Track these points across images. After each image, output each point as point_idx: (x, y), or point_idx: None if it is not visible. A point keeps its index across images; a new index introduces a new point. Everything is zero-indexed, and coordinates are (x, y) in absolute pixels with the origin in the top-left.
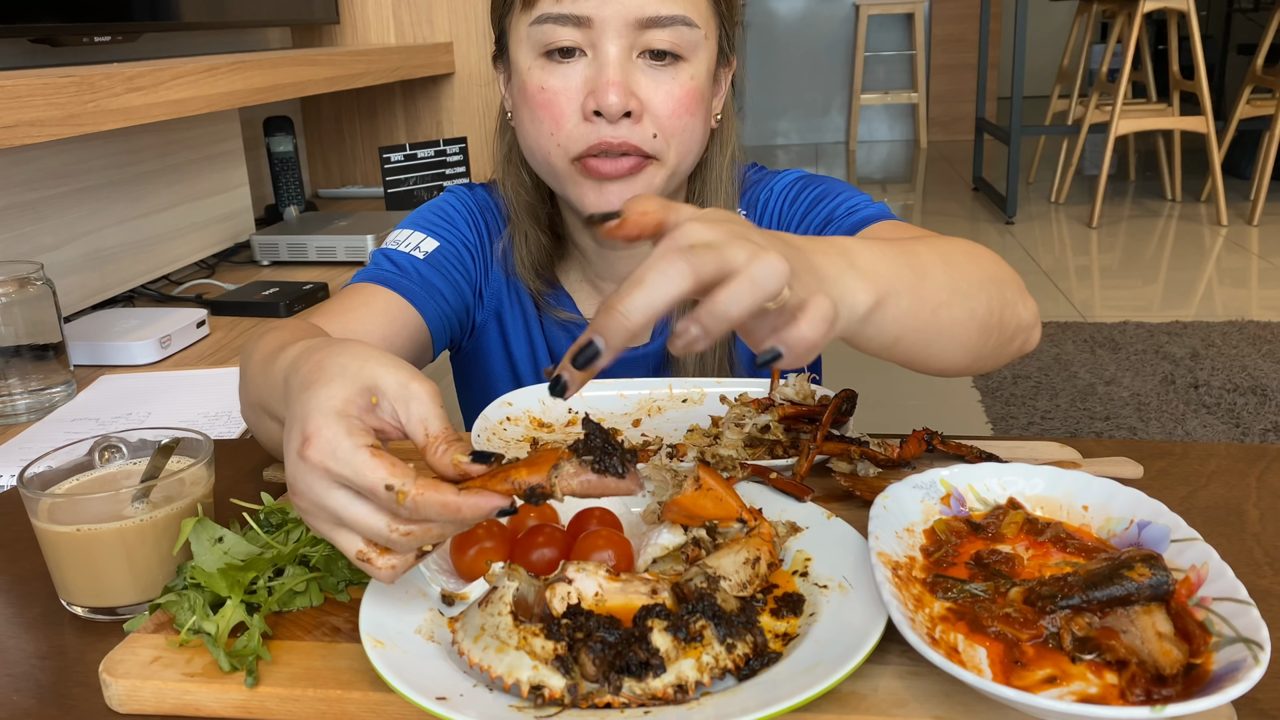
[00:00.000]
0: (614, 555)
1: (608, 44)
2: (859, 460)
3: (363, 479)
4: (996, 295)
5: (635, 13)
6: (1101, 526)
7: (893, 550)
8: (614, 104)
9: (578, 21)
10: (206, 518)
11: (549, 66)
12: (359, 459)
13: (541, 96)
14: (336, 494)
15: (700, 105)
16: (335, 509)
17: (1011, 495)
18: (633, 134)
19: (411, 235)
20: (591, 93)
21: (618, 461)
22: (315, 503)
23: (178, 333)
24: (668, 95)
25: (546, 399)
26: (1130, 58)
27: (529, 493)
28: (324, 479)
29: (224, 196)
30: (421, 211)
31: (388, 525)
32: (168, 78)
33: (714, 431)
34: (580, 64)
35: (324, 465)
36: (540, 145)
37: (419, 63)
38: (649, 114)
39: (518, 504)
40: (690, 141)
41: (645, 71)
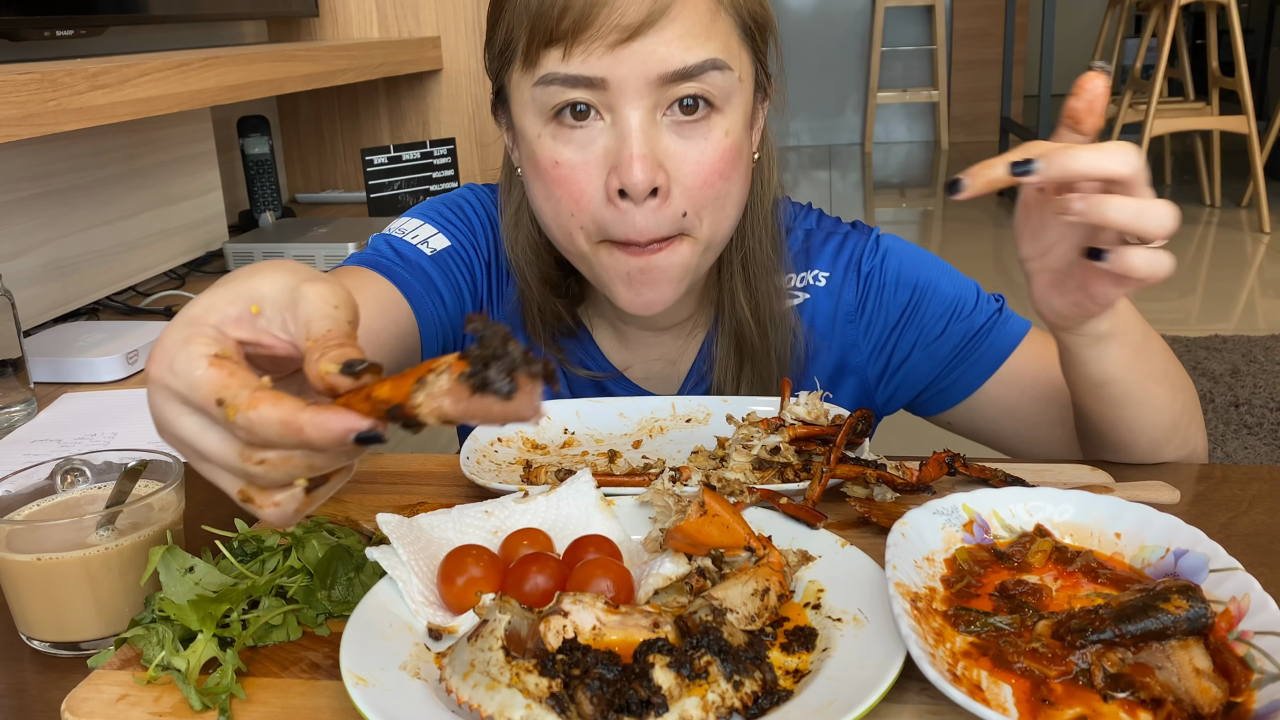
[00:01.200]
0: (613, 586)
1: (627, 109)
2: (875, 484)
3: (196, 393)
4: (1191, 405)
5: (657, 68)
6: (1135, 555)
7: (911, 581)
8: (640, 181)
9: (590, 84)
10: (176, 546)
11: (561, 133)
12: (193, 370)
13: (557, 172)
14: (186, 420)
15: (737, 163)
16: (189, 439)
17: (1038, 522)
18: (660, 220)
19: (421, 227)
20: (614, 169)
21: (503, 374)
22: (170, 434)
23: (145, 348)
24: (699, 163)
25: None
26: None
27: (390, 413)
28: (170, 401)
29: (195, 202)
30: (435, 204)
31: (238, 454)
32: (135, 74)
33: (720, 453)
34: (597, 128)
35: (163, 381)
36: (560, 225)
37: (404, 58)
38: (678, 185)
39: (383, 430)
40: (726, 207)
41: (672, 134)
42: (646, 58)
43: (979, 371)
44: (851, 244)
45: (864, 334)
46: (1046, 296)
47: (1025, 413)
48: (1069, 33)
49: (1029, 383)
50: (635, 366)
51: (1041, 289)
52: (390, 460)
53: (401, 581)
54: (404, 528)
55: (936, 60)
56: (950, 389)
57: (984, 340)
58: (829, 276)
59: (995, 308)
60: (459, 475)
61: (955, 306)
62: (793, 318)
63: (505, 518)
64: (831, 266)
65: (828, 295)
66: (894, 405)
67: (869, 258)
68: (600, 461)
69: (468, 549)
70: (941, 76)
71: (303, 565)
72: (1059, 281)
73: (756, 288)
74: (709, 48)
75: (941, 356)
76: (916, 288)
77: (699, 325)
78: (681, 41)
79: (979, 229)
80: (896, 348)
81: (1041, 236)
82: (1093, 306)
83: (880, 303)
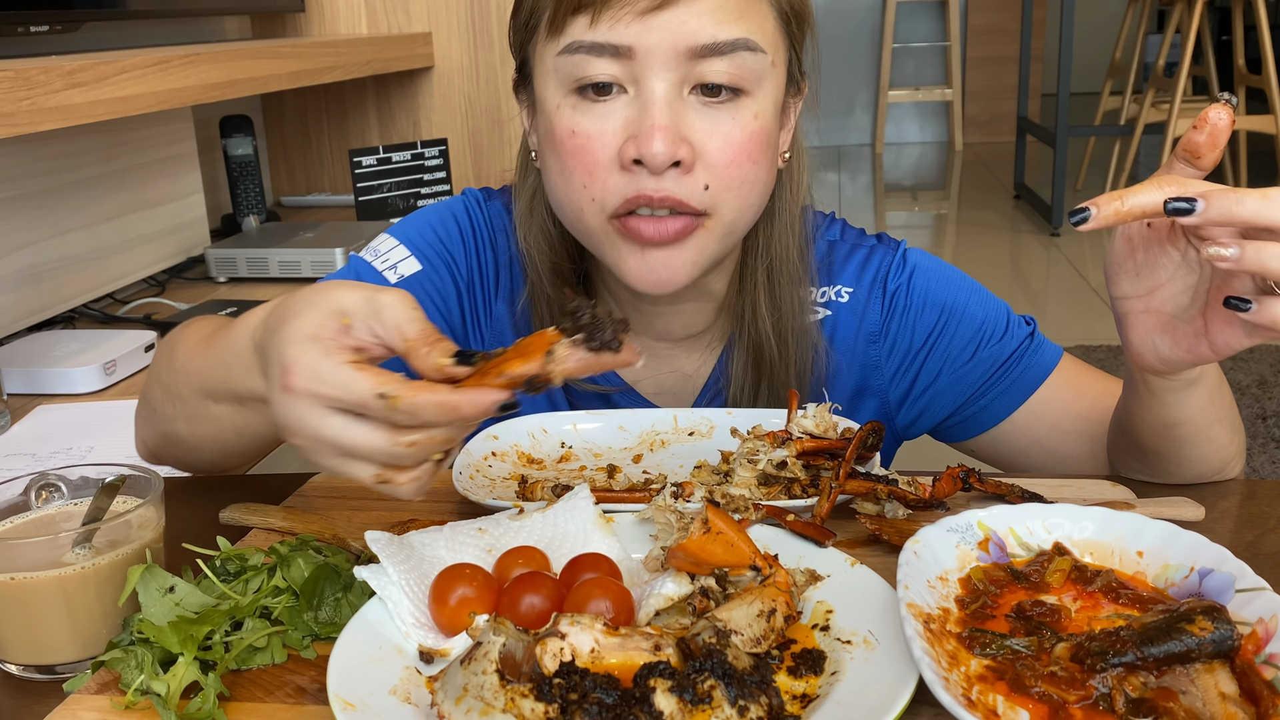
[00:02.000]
0: (612, 606)
1: (653, 79)
2: (886, 500)
3: (351, 393)
4: (1242, 443)
5: (687, 40)
6: (1158, 575)
7: (924, 601)
8: (660, 153)
9: (616, 52)
10: (156, 565)
11: (581, 105)
12: (342, 374)
13: (572, 142)
14: (331, 420)
15: (765, 149)
16: (334, 437)
17: (1057, 540)
18: (679, 187)
19: (394, 249)
20: (632, 137)
21: (610, 334)
22: (312, 436)
23: (123, 358)
24: (726, 140)
25: (536, 432)
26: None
27: (528, 383)
28: (314, 407)
29: (175, 205)
30: (416, 220)
31: (390, 440)
32: (112, 72)
33: (724, 468)
34: (619, 102)
35: (310, 390)
36: (571, 200)
37: (394, 55)
38: (702, 162)
39: (518, 398)
40: (751, 194)
41: (699, 110)
42: (677, 28)
43: (1007, 401)
44: (878, 259)
45: (887, 355)
46: (1151, 340)
47: (1053, 446)
48: (1089, 28)
49: (1059, 415)
50: (647, 380)
51: (1145, 332)
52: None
53: (391, 602)
54: (394, 546)
55: (950, 57)
56: (976, 418)
57: (1014, 368)
58: (852, 292)
59: (1027, 333)
60: (451, 491)
61: (985, 331)
62: (814, 333)
63: (500, 535)
64: (856, 282)
65: (851, 312)
66: (916, 430)
67: (895, 275)
68: (599, 476)
69: (460, 568)
70: (955, 74)
71: (288, 585)
72: (1169, 326)
73: (780, 299)
74: (742, 26)
75: (969, 383)
76: (945, 309)
77: (716, 339)
78: (714, 15)
79: (995, 234)
80: (922, 371)
81: (1146, 275)
82: (1210, 355)
83: (905, 323)
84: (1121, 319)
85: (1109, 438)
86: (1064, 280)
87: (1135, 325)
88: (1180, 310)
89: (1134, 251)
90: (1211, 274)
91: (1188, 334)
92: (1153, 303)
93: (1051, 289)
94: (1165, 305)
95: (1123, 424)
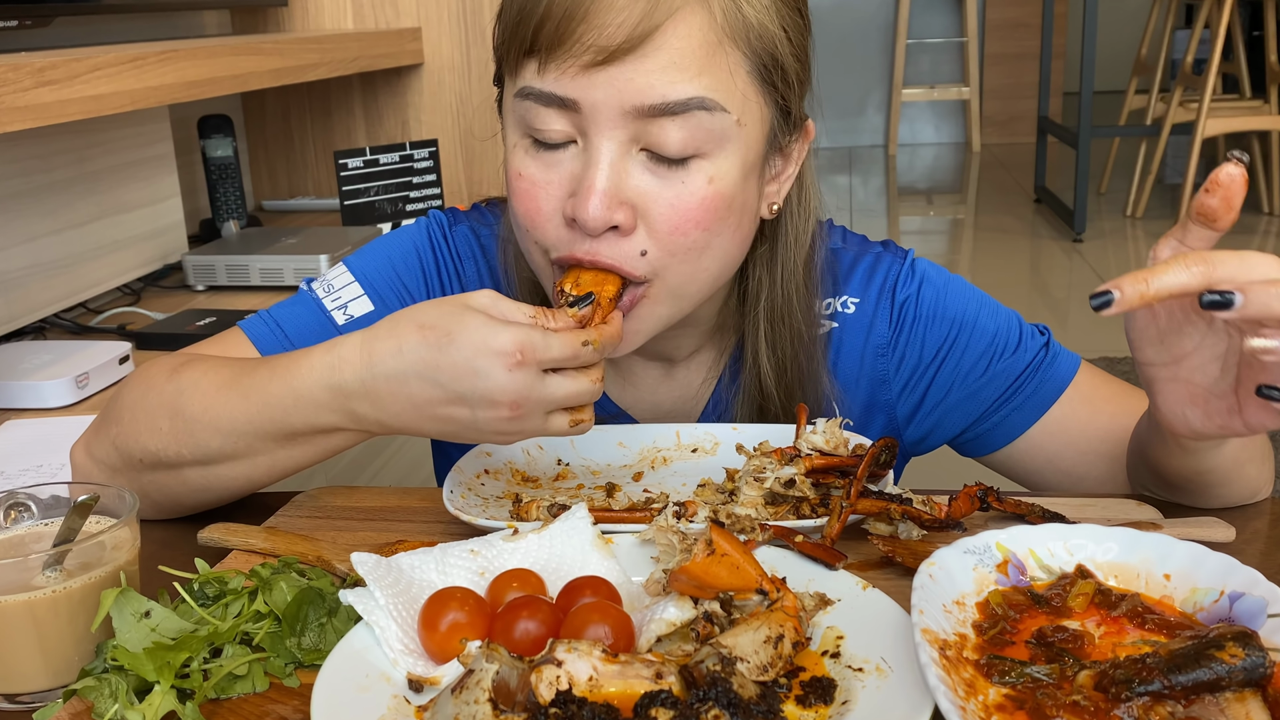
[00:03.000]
0: (611, 632)
1: (599, 137)
2: (900, 521)
3: (566, 349)
4: (1270, 468)
5: (634, 99)
6: (1186, 599)
7: (940, 626)
8: (594, 218)
9: (562, 104)
10: (130, 588)
11: (532, 150)
12: (558, 340)
13: (519, 185)
14: (550, 381)
15: (724, 216)
16: (555, 394)
17: (1080, 562)
18: (614, 251)
19: (349, 286)
20: (572, 196)
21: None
22: (539, 400)
23: (96, 370)
24: (672, 207)
25: (531, 448)
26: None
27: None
28: (537, 375)
29: (151, 210)
30: (375, 254)
31: (590, 379)
32: (85, 70)
33: (729, 486)
34: (569, 152)
35: (539, 359)
36: (521, 238)
37: (381, 52)
38: (644, 225)
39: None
40: (703, 259)
41: (646, 170)
42: (624, 86)
43: (1021, 418)
44: (885, 267)
45: (896, 369)
46: (1181, 411)
47: (1070, 465)
48: (1114, 23)
49: (1075, 433)
50: (643, 412)
51: (1175, 402)
52: (366, 494)
53: (378, 628)
54: (381, 569)
55: (967, 54)
56: (988, 435)
57: (1029, 382)
58: (859, 303)
59: (1041, 344)
60: (441, 511)
61: (998, 344)
62: (826, 380)
63: (493, 557)
64: (862, 292)
65: (857, 324)
66: (925, 447)
67: (905, 284)
68: (597, 495)
69: (451, 592)
70: (973, 72)
71: (270, 610)
72: (1201, 399)
73: (782, 349)
74: (700, 83)
75: (981, 400)
76: (955, 322)
77: (715, 363)
78: (665, 73)
79: (1014, 240)
80: (931, 387)
81: (1172, 343)
82: (1243, 431)
83: (915, 336)
84: (1149, 385)
85: (1129, 460)
86: (1087, 289)
87: (1164, 394)
88: (1212, 383)
89: (1156, 318)
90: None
91: (1220, 409)
92: (1181, 371)
93: (1074, 298)
94: (1195, 375)
95: (1145, 457)
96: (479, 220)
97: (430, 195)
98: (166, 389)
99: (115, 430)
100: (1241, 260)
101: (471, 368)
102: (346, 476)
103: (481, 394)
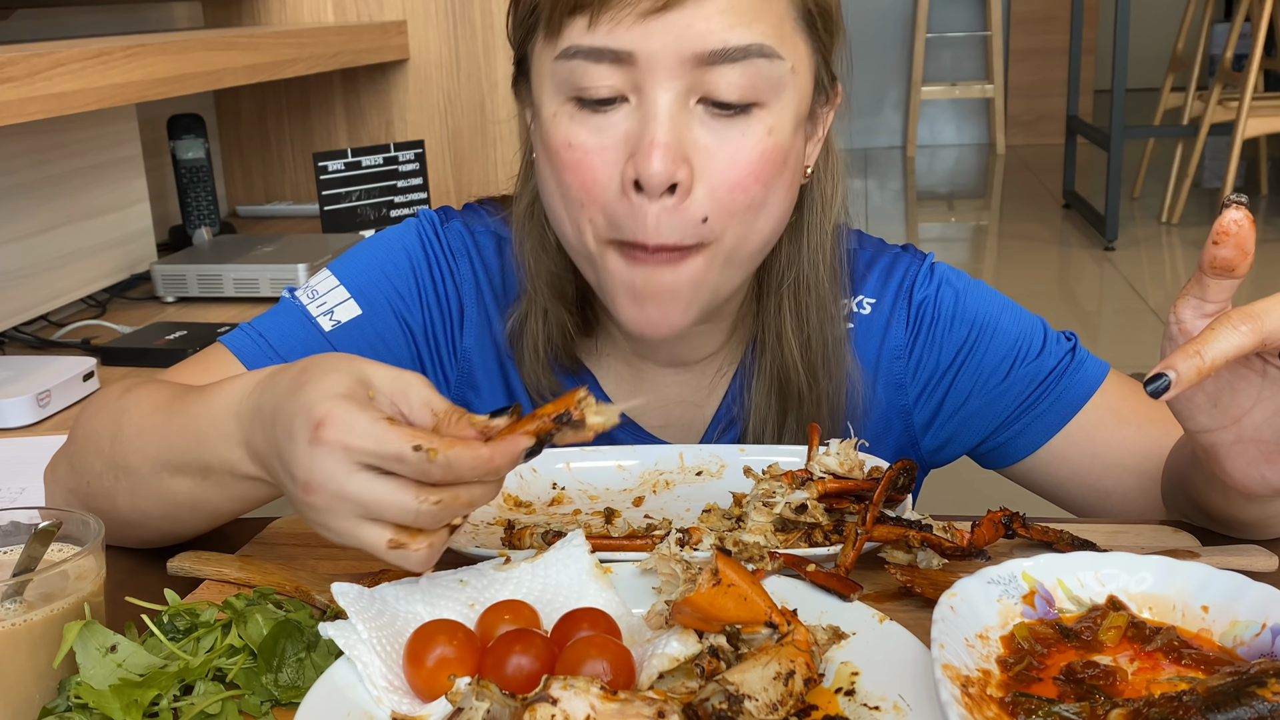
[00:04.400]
0: (610, 668)
1: (656, 88)
2: (919, 548)
3: (387, 446)
4: None
5: (693, 45)
6: (1225, 632)
7: (962, 662)
8: (658, 173)
9: (616, 57)
10: (95, 621)
11: (579, 115)
12: (378, 429)
13: (569, 155)
14: (357, 477)
15: (780, 170)
16: (358, 494)
17: (1112, 593)
18: (674, 223)
19: (334, 290)
20: (633, 156)
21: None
22: (336, 493)
23: (59, 387)
24: (732, 160)
25: (524, 471)
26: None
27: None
28: (344, 461)
29: (118, 216)
30: (362, 257)
31: (416, 497)
32: (46, 66)
33: (736, 512)
34: (620, 113)
35: (343, 443)
36: (571, 218)
37: (363, 47)
38: (702, 184)
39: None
40: (759, 219)
41: (705, 124)
42: (682, 32)
43: (1044, 426)
44: (903, 268)
45: (913, 374)
46: (1257, 472)
47: (1096, 479)
48: (1148, 16)
49: (1101, 444)
50: (650, 412)
51: (1247, 464)
52: None
53: (361, 663)
54: (364, 600)
55: (991, 49)
56: (1010, 444)
57: (1054, 387)
58: (875, 304)
59: (1067, 348)
60: None
61: (1020, 347)
62: (851, 364)
63: (483, 588)
64: (879, 293)
65: (873, 326)
66: (944, 457)
67: (922, 286)
68: (595, 522)
69: (439, 625)
70: (997, 68)
71: (245, 644)
72: (1275, 453)
73: (808, 324)
74: (757, 29)
75: (1002, 406)
76: (976, 325)
77: (728, 363)
78: (724, 18)
79: (1041, 248)
80: (950, 392)
81: (1227, 404)
82: None
83: (933, 339)
84: (1210, 453)
85: (1165, 488)
86: (1119, 300)
87: (1232, 458)
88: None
89: (1203, 383)
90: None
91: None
92: (1244, 431)
93: (1105, 310)
94: (1262, 432)
95: (1197, 501)
96: (473, 218)
97: (416, 200)
98: (114, 406)
99: (71, 449)
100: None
101: (290, 427)
102: None
103: (287, 459)
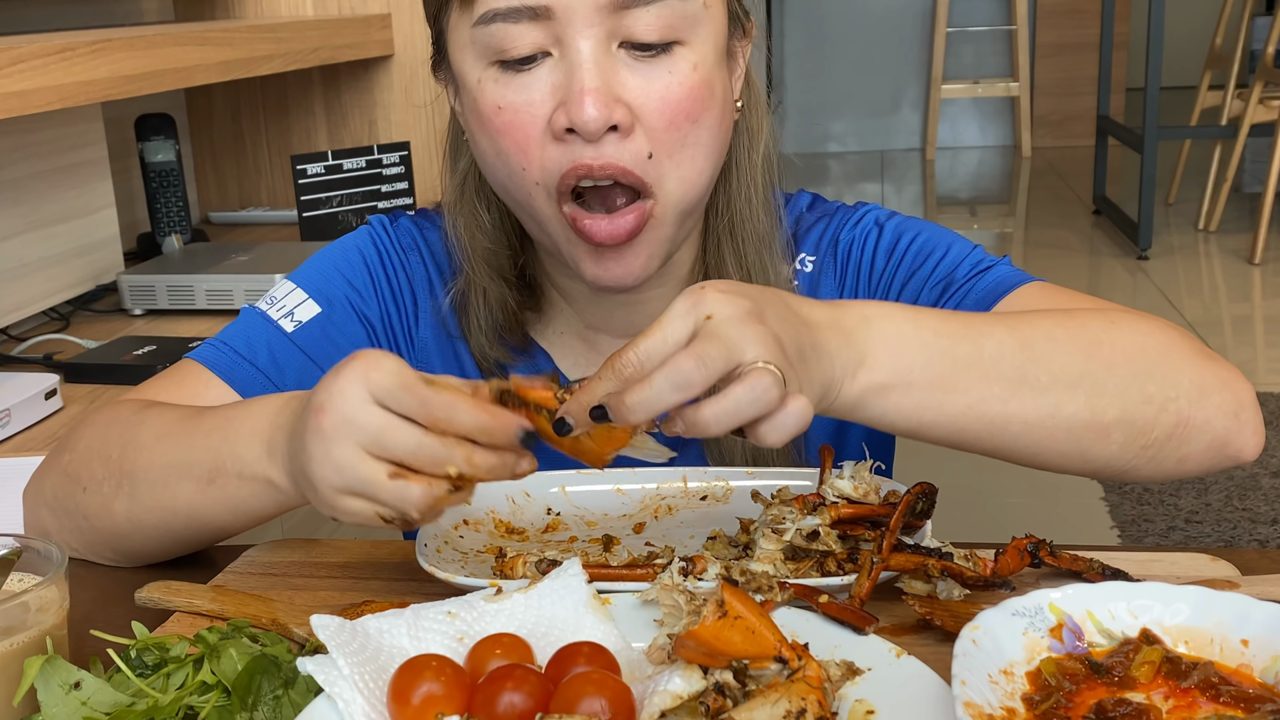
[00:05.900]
0: (608, 706)
1: (577, 39)
2: (939, 578)
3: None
4: (1118, 390)
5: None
6: (1267, 667)
7: (985, 700)
8: (593, 118)
9: (533, 14)
10: (58, 655)
11: (504, 77)
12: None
13: (500, 119)
14: (370, 407)
15: (710, 101)
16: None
17: (1145, 625)
18: (621, 152)
19: (291, 294)
20: (562, 104)
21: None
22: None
23: (19, 406)
24: (664, 99)
25: (517, 495)
26: None
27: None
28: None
29: (82, 223)
30: (317, 262)
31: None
32: (5, 62)
33: (743, 539)
34: (544, 68)
35: (365, 374)
36: (514, 184)
37: (345, 42)
38: (642, 125)
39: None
40: (697, 158)
41: (631, 67)
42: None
43: None
44: (839, 220)
45: None
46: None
47: None
48: (1184, 10)
49: None
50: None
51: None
52: (328, 548)
53: (342, 700)
54: (345, 633)
55: (1016, 44)
56: None
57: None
58: (815, 260)
59: (997, 260)
60: (415, 567)
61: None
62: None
63: (473, 620)
64: (815, 249)
65: (811, 281)
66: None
67: (848, 231)
68: (593, 549)
69: (426, 660)
70: (1023, 65)
71: (218, 680)
72: None
73: (745, 257)
74: None
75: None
76: (904, 255)
77: None
78: None
79: (1070, 256)
80: None
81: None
82: None
83: (859, 280)
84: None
85: None
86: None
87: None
88: None
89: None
90: None
91: None
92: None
93: None
94: None
95: None
96: (421, 218)
97: (401, 205)
98: (131, 418)
99: (69, 458)
100: None
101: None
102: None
103: (313, 394)
